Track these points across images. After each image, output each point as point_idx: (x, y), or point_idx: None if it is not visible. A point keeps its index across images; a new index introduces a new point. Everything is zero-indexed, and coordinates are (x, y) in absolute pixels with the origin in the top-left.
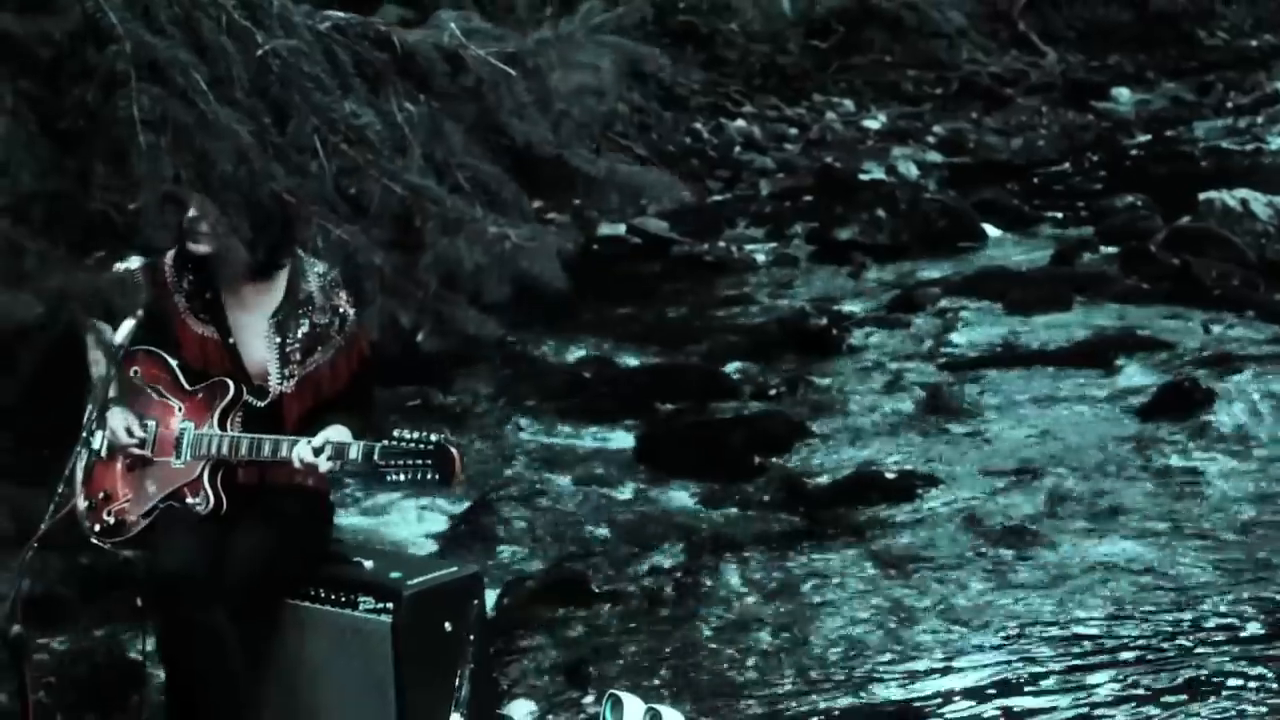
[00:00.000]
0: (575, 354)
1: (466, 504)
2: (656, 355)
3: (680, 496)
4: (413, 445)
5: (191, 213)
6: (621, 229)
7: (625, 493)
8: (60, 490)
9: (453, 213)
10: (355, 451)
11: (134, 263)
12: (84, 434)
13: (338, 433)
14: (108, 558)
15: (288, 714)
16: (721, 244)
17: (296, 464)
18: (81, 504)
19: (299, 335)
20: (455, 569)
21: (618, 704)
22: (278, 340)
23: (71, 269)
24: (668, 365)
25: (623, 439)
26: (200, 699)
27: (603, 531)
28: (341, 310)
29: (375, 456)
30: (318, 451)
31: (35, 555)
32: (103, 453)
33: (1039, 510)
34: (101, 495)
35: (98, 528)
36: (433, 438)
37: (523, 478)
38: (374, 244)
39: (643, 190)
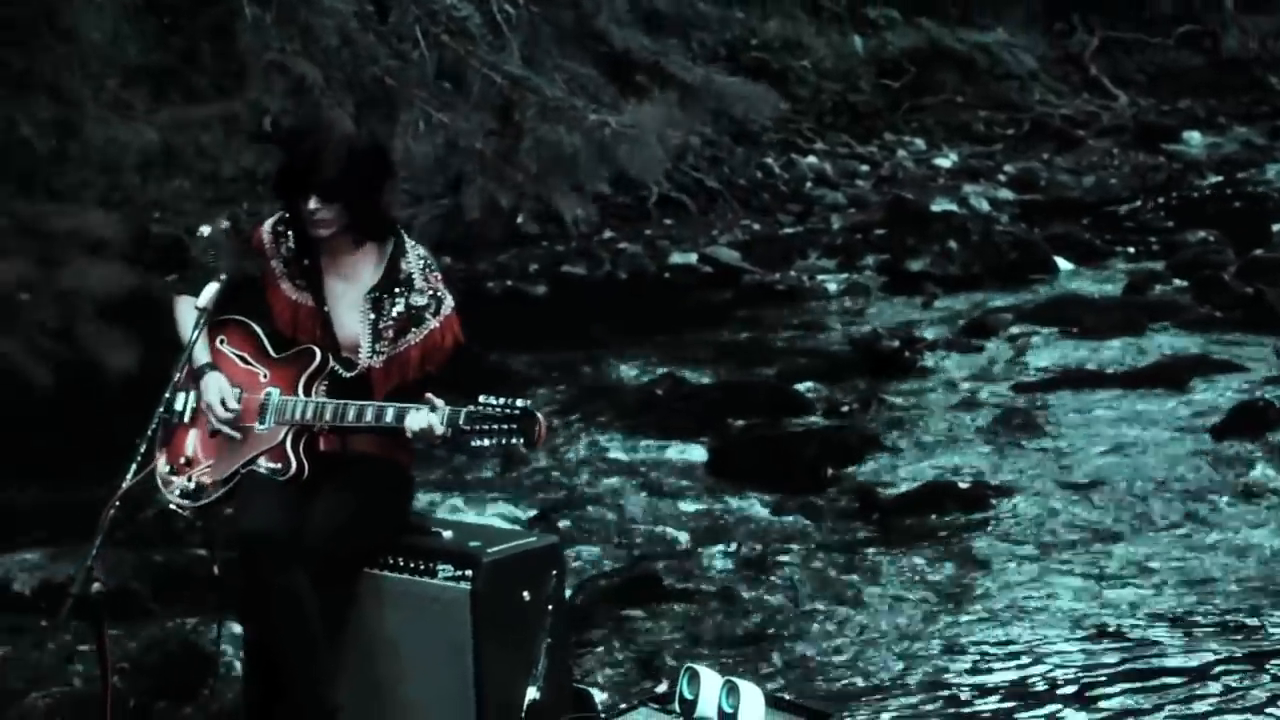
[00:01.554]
0: (647, 373)
1: (534, 511)
2: (727, 375)
3: (752, 505)
4: (498, 410)
5: (313, 204)
6: (693, 258)
7: (697, 502)
8: (143, 449)
9: (552, 102)
10: (440, 417)
11: (218, 225)
12: (167, 396)
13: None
14: (181, 555)
15: (366, 682)
16: (793, 274)
17: (415, 430)
18: (162, 468)
19: (394, 314)
20: (534, 539)
21: (695, 677)
22: (372, 316)
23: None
24: (739, 382)
25: (695, 452)
26: (279, 662)
27: (675, 535)
28: (438, 294)
29: (461, 422)
30: (428, 415)
31: (109, 551)
32: (185, 417)
33: (1112, 520)
34: (183, 460)
35: (177, 492)
36: (518, 402)
37: (595, 486)
38: (475, 128)
39: (739, 100)
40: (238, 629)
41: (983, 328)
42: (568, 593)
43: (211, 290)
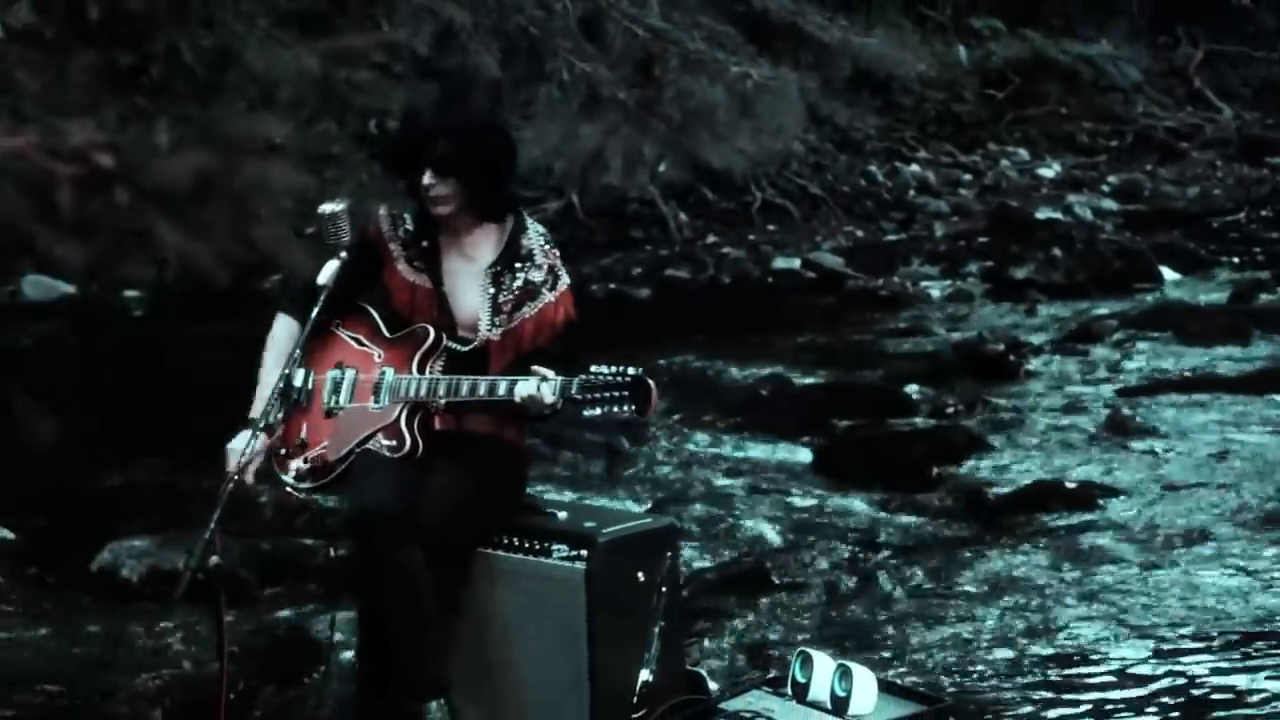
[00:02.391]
0: (751, 374)
1: (645, 506)
2: (832, 377)
3: (857, 503)
4: (610, 378)
5: (427, 179)
6: (796, 263)
7: (803, 499)
8: (261, 426)
9: (694, 54)
10: (552, 387)
11: (338, 204)
12: (284, 376)
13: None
14: (288, 544)
15: (478, 661)
16: (896, 280)
17: (521, 399)
18: (279, 449)
19: (513, 288)
20: (649, 520)
21: (807, 661)
22: (491, 291)
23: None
24: (844, 383)
25: (800, 452)
26: (392, 639)
27: (781, 531)
28: (556, 270)
29: (574, 390)
30: (542, 383)
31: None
32: (301, 398)
33: (1215, 524)
34: (297, 441)
35: (293, 473)
36: (630, 370)
37: (700, 484)
38: (617, 79)
39: (876, 59)
40: (346, 616)
41: (1087, 333)
42: None
43: (331, 268)
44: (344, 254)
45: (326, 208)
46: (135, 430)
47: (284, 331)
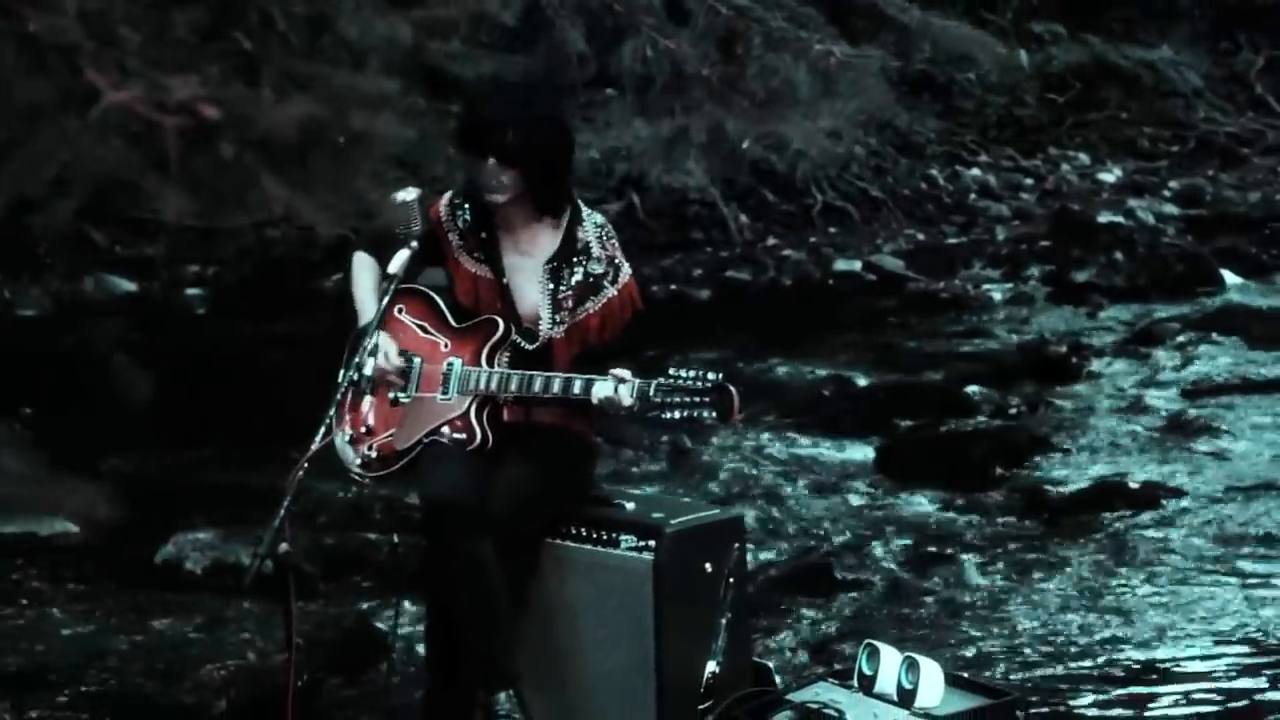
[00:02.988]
0: (812, 375)
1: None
2: (893, 378)
3: (920, 501)
4: (689, 382)
5: (490, 165)
6: (857, 265)
7: (865, 498)
8: (329, 413)
9: (777, 31)
10: (630, 389)
11: (410, 194)
12: (351, 363)
13: (625, 372)
14: (353, 539)
15: (546, 651)
16: (957, 282)
17: (599, 400)
18: (344, 436)
19: (573, 283)
20: (717, 511)
21: (874, 653)
22: (550, 286)
23: None
24: (905, 384)
25: (862, 451)
26: (462, 628)
27: (844, 529)
28: (616, 261)
29: (651, 393)
30: (620, 384)
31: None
32: (367, 386)
33: (1277, 527)
34: (363, 429)
35: (359, 461)
36: (710, 376)
37: (762, 482)
38: (700, 55)
39: (956, 41)
40: (412, 609)
41: (1150, 336)
42: None
43: (402, 258)
44: (414, 244)
45: (398, 197)
46: (199, 425)
47: (364, 263)
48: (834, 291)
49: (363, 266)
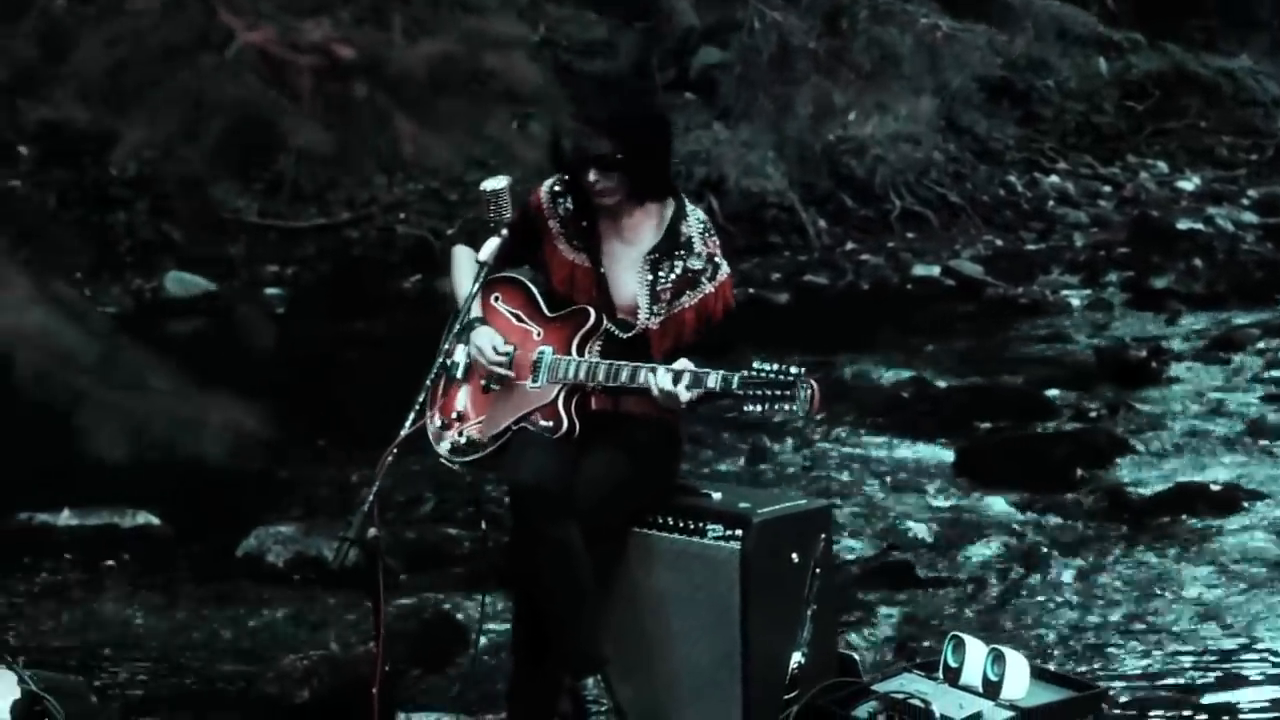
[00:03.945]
0: (892, 378)
1: None
2: (972, 381)
3: (1000, 503)
4: (772, 376)
5: (592, 176)
6: (935, 270)
7: (946, 498)
8: (421, 399)
9: (883, 5)
10: (714, 380)
11: (500, 182)
12: (442, 350)
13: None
14: (434, 532)
15: (632, 639)
16: (1035, 288)
17: (654, 391)
18: (435, 422)
19: (672, 276)
20: (804, 502)
21: (960, 645)
22: (649, 278)
23: None
24: (985, 386)
25: (942, 453)
26: (548, 614)
27: (925, 529)
28: (715, 259)
29: (734, 386)
30: (676, 379)
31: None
32: (459, 373)
33: None
34: (455, 415)
35: (448, 446)
36: (792, 370)
37: (843, 481)
38: (807, 27)
39: (1058, 18)
40: (494, 600)
41: (1229, 342)
42: None
43: (493, 245)
44: (505, 232)
45: (489, 185)
46: (279, 421)
47: (464, 255)
48: (912, 296)
49: (462, 259)
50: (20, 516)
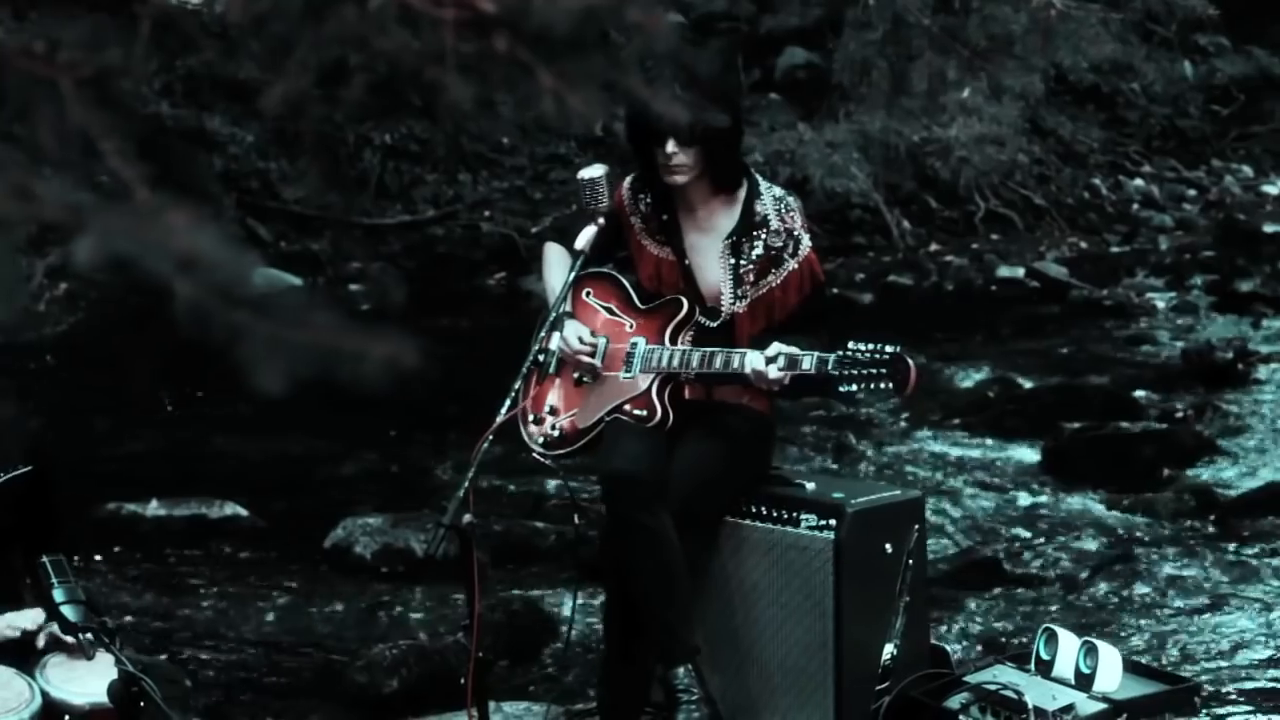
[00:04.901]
0: (977, 377)
1: None
2: (1058, 381)
3: (1087, 501)
4: (868, 355)
5: (670, 148)
6: (1020, 272)
7: (1032, 496)
8: (516, 387)
9: None
10: (809, 363)
11: (598, 170)
12: (537, 342)
13: (792, 346)
14: (522, 526)
15: (724, 628)
16: (1120, 290)
17: (748, 373)
18: (528, 417)
19: (753, 257)
20: (898, 492)
21: (1052, 637)
22: (732, 261)
23: None
24: (1071, 386)
25: (1027, 453)
26: (641, 602)
27: (1011, 527)
28: (795, 233)
29: (830, 367)
30: (770, 361)
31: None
32: (551, 368)
33: None
34: (547, 409)
35: (541, 439)
36: (888, 347)
37: (929, 479)
38: (921, 5)
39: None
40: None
41: None
42: None
43: (589, 234)
44: (602, 220)
45: (586, 173)
46: (365, 414)
47: (557, 252)
48: (996, 298)
49: (554, 256)
50: (109, 506)
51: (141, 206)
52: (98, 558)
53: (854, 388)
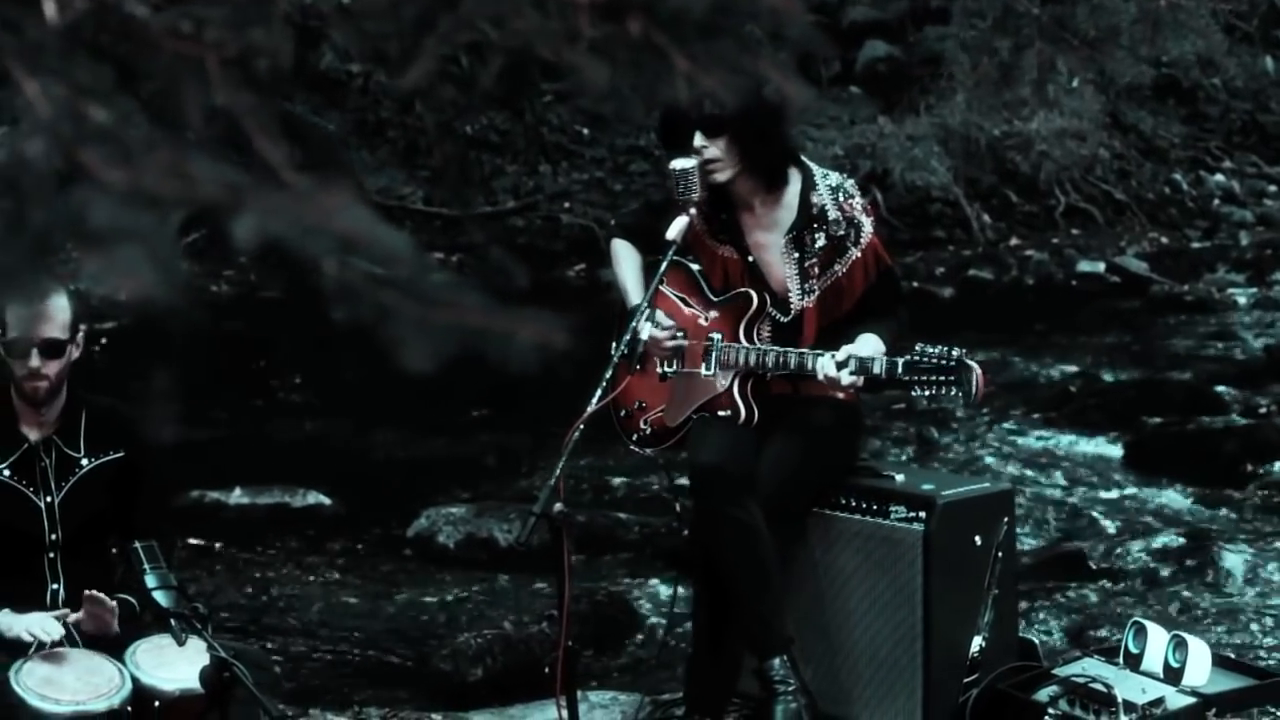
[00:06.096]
0: (1058, 371)
1: None
2: (1140, 376)
3: (1169, 496)
4: (935, 361)
5: (698, 141)
6: (1101, 267)
7: (1114, 491)
8: (607, 376)
9: None
10: (879, 367)
11: (689, 161)
12: (629, 332)
13: (865, 345)
14: (606, 518)
15: (813, 618)
16: (1201, 286)
17: (820, 378)
18: (618, 412)
19: (816, 249)
20: (987, 484)
21: (1141, 631)
22: (795, 256)
23: None
24: (1153, 381)
25: (1110, 447)
26: (732, 593)
27: (1095, 521)
28: (856, 219)
29: (899, 372)
30: (840, 366)
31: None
32: (637, 362)
33: None
34: (637, 404)
35: (635, 436)
36: (954, 353)
37: (1011, 473)
38: None
39: None
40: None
41: None
42: None
43: (681, 223)
44: (693, 211)
45: (678, 163)
46: (446, 405)
47: (625, 249)
48: (1077, 292)
49: (623, 252)
50: (192, 494)
51: (296, 188)
52: (187, 543)
53: (925, 393)
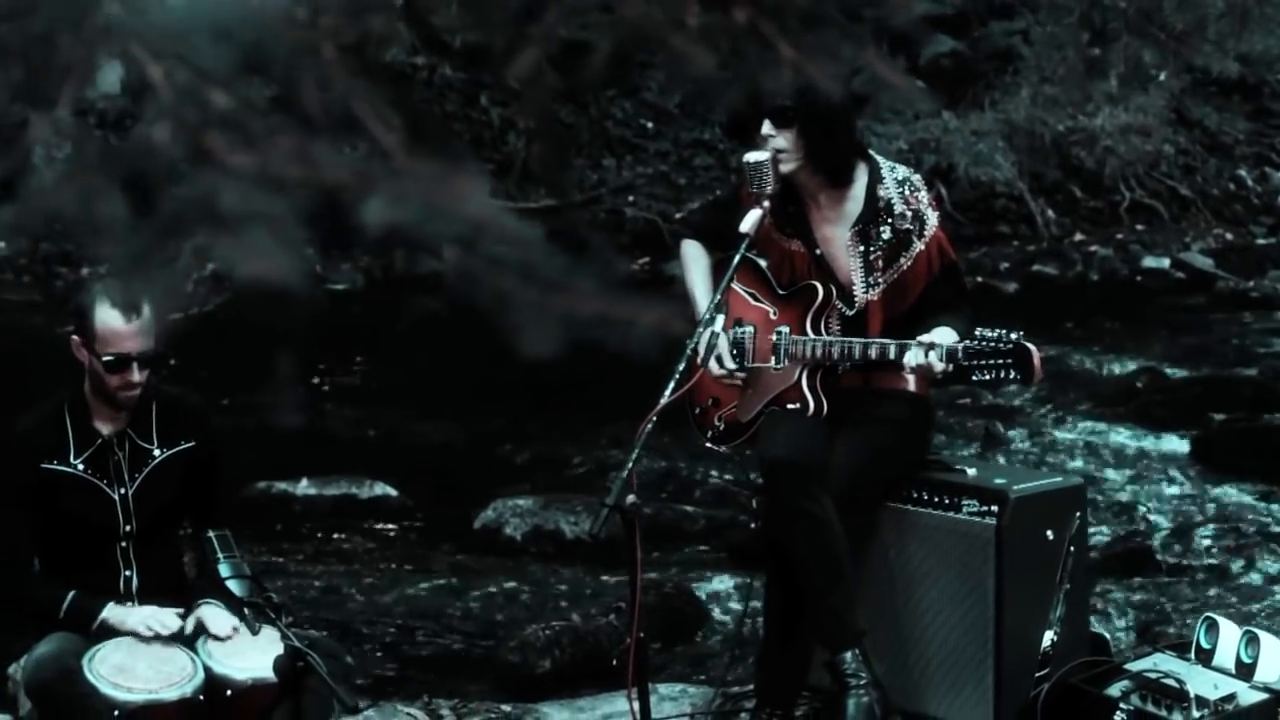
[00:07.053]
0: (1123, 367)
1: None
2: (1206, 372)
3: (1238, 492)
4: (992, 345)
5: (766, 129)
6: (1165, 263)
7: (1182, 487)
8: (680, 369)
9: None
10: (937, 354)
11: (763, 155)
12: (705, 327)
13: (939, 335)
14: (672, 510)
15: (884, 611)
16: (1266, 282)
17: (911, 366)
18: (692, 409)
19: (881, 242)
20: (1059, 479)
21: (1213, 627)
22: (860, 249)
23: None
24: (1219, 377)
25: (1176, 443)
26: (804, 585)
27: (1161, 517)
28: (921, 213)
29: (960, 356)
30: (927, 351)
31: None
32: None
33: None
34: (710, 401)
35: (710, 433)
36: (1011, 335)
37: (1077, 469)
38: None
39: None
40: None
41: None
42: None
43: (754, 217)
44: (766, 204)
45: (751, 157)
46: (513, 398)
47: (695, 249)
48: (1142, 288)
49: (692, 253)
50: (259, 485)
51: (424, 174)
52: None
53: (985, 376)
